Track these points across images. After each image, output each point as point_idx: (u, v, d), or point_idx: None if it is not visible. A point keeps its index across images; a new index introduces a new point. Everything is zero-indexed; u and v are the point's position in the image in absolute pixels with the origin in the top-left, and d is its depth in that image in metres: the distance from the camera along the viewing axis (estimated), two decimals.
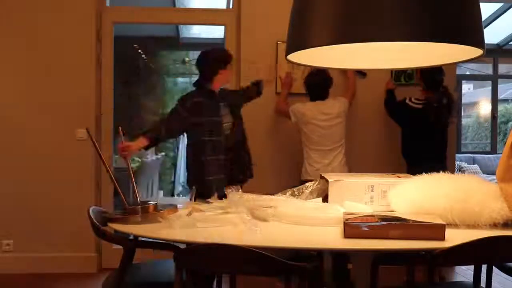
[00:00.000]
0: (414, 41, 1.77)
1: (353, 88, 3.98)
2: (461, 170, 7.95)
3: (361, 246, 1.67)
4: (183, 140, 9.06)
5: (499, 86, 8.87)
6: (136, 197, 2.14)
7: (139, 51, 8.64)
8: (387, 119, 4.16)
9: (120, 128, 2.40)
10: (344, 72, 4.04)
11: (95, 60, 4.14)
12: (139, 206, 2.02)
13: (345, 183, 2.17)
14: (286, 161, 4.17)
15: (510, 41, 8.33)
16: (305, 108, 3.69)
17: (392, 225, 1.70)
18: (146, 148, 3.04)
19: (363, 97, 4.14)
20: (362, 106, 4.16)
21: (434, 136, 3.85)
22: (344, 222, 1.73)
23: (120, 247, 2.11)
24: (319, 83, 3.72)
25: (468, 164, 8.40)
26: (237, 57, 4.25)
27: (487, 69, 9.08)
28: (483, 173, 8.14)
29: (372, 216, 1.80)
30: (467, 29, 1.71)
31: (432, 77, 3.82)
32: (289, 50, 1.91)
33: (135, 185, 2.23)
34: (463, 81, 9.01)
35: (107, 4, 4.31)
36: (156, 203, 2.07)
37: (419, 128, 3.84)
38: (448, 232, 1.71)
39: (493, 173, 2.01)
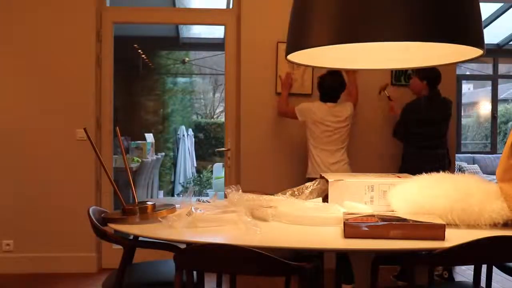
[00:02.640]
0: (414, 41, 1.77)
1: (355, 92, 3.96)
2: (461, 170, 7.94)
3: (361, 246, 1.67)
4: (183, 140, 9.07)
5: (499, 86, 8.88)
6: (135, 198, 2.14)
7: (139, 51, 8.65)
8: (387, 119, 4.16)
9: (117, 128, 2.41)
10: (347, 73, 4.03)
11: (95, 60, 4.14)
12: (137, 207, 2.02)
13: (345, 183, 2.17)
14: (286, 161, 4.17)
15: (510, 41, 8.33)
16: (314, 107, 3.67)
17: (392, 225, 1.70)
18: None
19: (363, 97, 4.14)
20: (361, 106, 4.16)
21: None
22: (344, 222, 1.73)
23: (120, 247, 2.11)
24: (334, 85, 3.68)
25: (468, 164, 8.40)
26: (237, 57, 4.26)
27: (487, 69, 9.08)
28: (483, 173, 8.14)
29: (372, 216, 1.80)
30: (467, 29, 1.71)
31: None
32: (289, 50, 1.91)
33: (133, 185, 2.22)
34: (463, 81, 9.02)
35: (107, 4, 4.31)
36: (154, 204, 2.07)
37: None
38: (448, 232, 1.71)
39: (493, 173, 2.01)
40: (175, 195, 8.95)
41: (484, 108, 10.30)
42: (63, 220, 4.09)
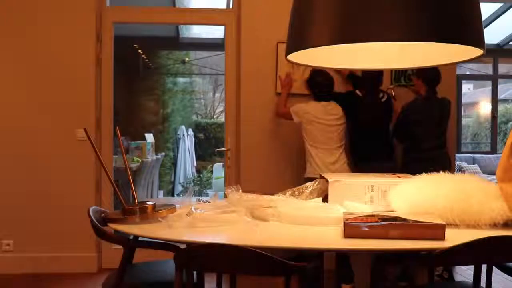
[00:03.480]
0: (414, 41, 1.77)
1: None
2: (461, 170, 7.94)
3: (361, 246, 1.67)
4: (183, 140, 9.07)
5: (499, 86, 8.88)
6: (135, 197, 2.13)
7: (139, 51, 8.65)
8: None
9: (117, 128, 2.41)
10: (338, 72, 4.04)
11: (95, 60, 4.14)
12: (137, 207, 2.02)
13: (345, 183, 2.17)
14: (286, 161, 4.17)
15: (510, 41, 8.33)
16: (309, 107, 3.70)
17: (392, 225, 1.70)
18: None
19: None
20: None
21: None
22: (344, 222, 1.73)
23: (120, 247, 2.11)
24: (324, 83, 3.74)
25: (468, 164, 8.40)
26: (237, 57, 4.25)
27: (487, 69, 9.08)
28: (483, 173, 8.14)
29: (372, 216, 1.80)
30: (467, 29, 1.71)
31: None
32: (289, 50, 1.91)
33: (133, 185, 2.22)
34: (463, 81, 9.02)
35: (107, 4, 4.31)
36: (154, 203, 2.07)
37: None
38: (448, 232, 1.71)
39: (493, 173, 2.01)
40: (175, 195, 8.95)
41: (484, 108, 10.30)
42: (63, 220, 4.09)
